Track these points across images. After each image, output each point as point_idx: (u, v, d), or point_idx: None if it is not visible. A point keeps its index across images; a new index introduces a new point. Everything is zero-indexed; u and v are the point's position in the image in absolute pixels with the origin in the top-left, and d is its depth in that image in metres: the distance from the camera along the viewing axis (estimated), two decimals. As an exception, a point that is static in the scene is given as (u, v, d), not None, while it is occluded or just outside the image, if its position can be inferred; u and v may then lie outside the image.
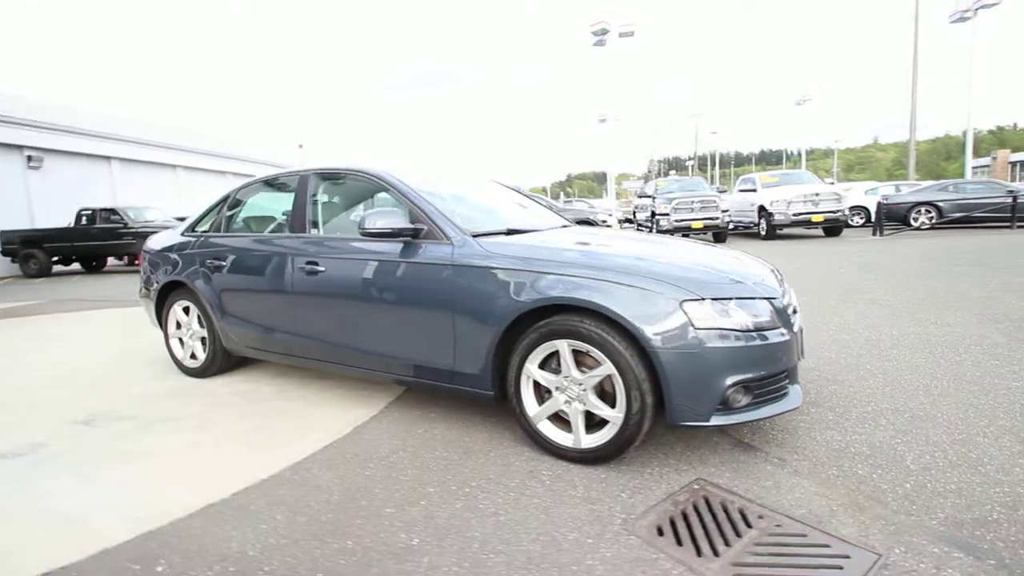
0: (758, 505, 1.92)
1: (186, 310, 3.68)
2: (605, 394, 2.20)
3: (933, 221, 14.00)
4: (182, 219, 16.11)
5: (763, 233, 14.10)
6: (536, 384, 2.34)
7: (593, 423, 2.25)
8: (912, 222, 14.25)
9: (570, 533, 1.80)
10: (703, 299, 2.05)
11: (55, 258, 14.16)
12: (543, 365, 2.31)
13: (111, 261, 15.62)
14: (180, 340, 3.76)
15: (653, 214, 14.32)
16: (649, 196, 15.88)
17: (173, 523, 1.94)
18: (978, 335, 3.84)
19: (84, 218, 13.93)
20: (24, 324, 6.42)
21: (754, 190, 15.10)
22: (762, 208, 14.12)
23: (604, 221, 15.85)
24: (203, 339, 3.62)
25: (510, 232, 2.74)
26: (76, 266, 14.92)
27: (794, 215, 13.24)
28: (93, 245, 13.76)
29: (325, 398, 3.19)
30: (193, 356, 3.69)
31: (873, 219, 15.13)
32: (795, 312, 2.46)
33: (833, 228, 13.60)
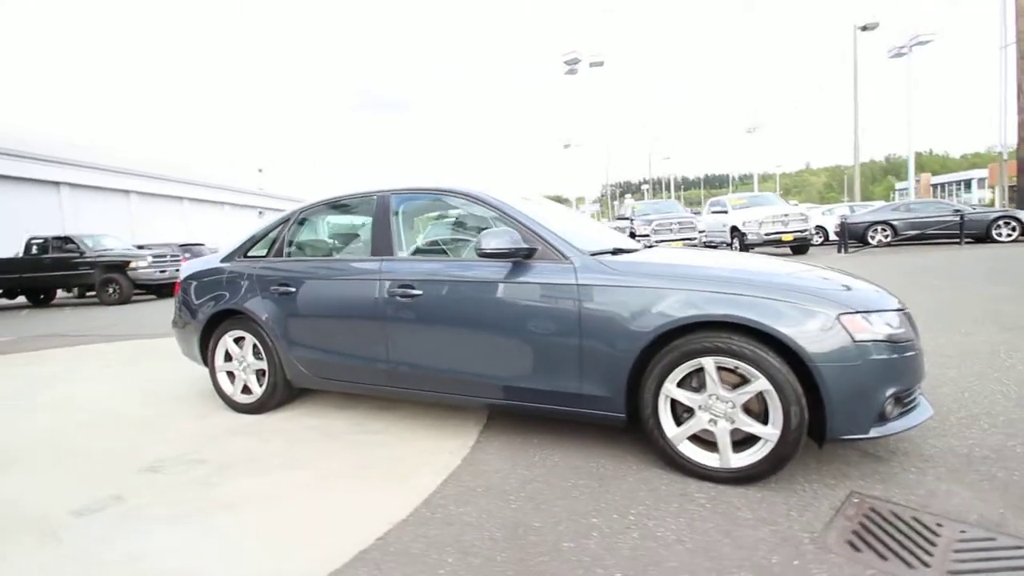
0: (929, 514, 1.94)
1: (238, 341, 3.43)
2: (750, 412, 2.19)
3: (888, 239, 15.05)
4: (142, 247, 15.25)
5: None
6: (672, 404, 2.30)
7: (734, 442, 2.23)
8: (870, 240, 15.26)
9: (770, 556, 1.75)
10: (856, 312, 2.09)
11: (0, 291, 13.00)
12: (680, 384, 2.28)
13: (60, 293, 14.50)
14: (230, 374, 3.49)
15: (632, 235, 14.70)
16: (627, 218, 16.33)
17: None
18: (1008, 341, 4.10)
19: (35, 247, 12.91)
20: (11, 363, 5.79)
21: (725, 211, 15.81)
22: (735, 228, 14.77)
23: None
24: (260, 372, 3.37)
25: (616, 251, 2.72)
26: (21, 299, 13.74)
27: (766, 235, 13.92)
28: (45, 276, 12.75)
29: (409, 429, 3.03)
30: (246, 391, 3.43)
31: (835, 238, 16.10)
32: None
33: (800, 246, 14.35)
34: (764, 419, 2.15)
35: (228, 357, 3.49)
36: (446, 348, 2.73)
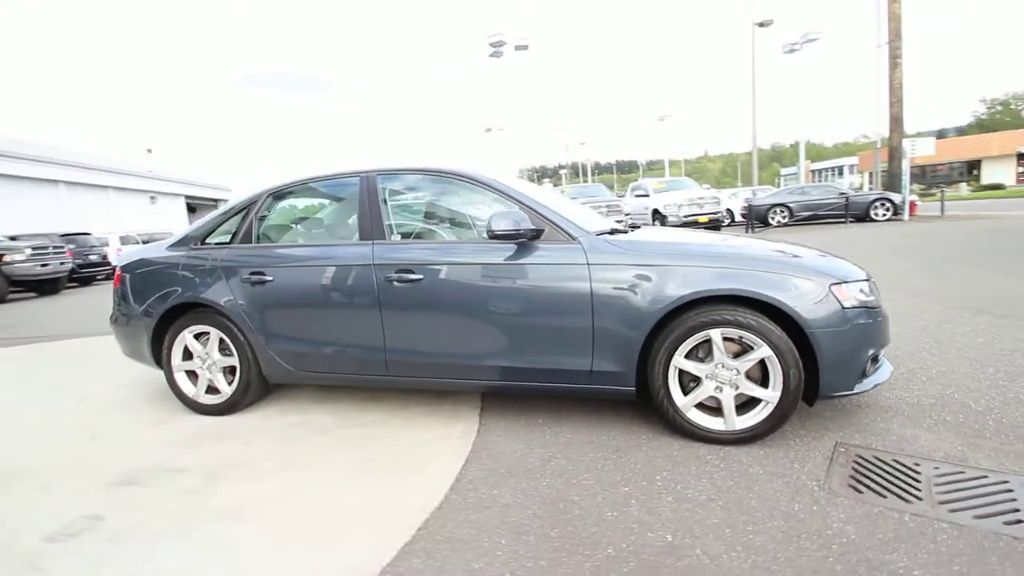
0: (905, 456, 2.23)
1: (199, 336, 3.12)
2: (750, 377, 2.37)
3: (787, 220, 16.64)
4: (14, 238, 13.16)
5: (660, 234, 15.62)
6: (679, 374, 2.44)
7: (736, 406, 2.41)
8: (771, 221, 16.79)
9: (792, 504, 1.93)
10: (842, 282, 2.32)
11: None
12: (687, 356, 2.41)
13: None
14: (191, 373, 3.17)
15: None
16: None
17: (385, 570, 1.69)
18: (916, 305, 4.74)
19: None
20: None
21: (647, 195, 16.63)
22: (656, 211, 15.60)
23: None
24: (228, 369, 3.10)
25: (614, 232, 2.80)
26: None
27: (684, 216, 14.86)
28: None
29: (404, 418, 2.94)
30: (212, 391, 3.14)
31: (740, 219, 17.50)
32: None
33: (714, 227, 15.48)
34: (763, 383, 2.35)
35: (188, 355, 3.17)
36: (449, 333, 2.67)
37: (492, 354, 2.62)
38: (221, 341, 3.07)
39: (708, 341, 2.37)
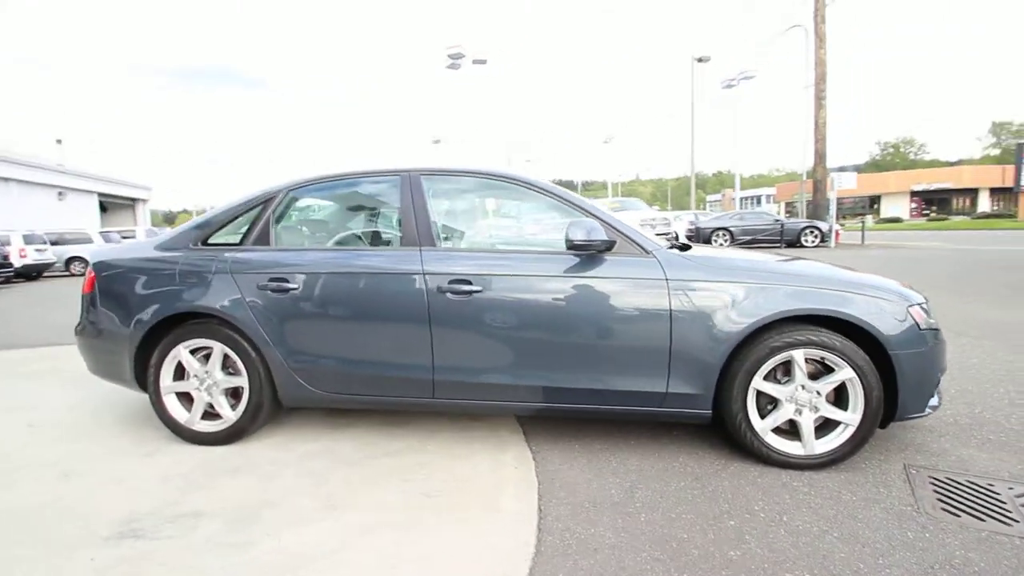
0: (975, 476, 2.24)
1: (195, 352, 2.67)
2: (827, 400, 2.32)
3: (728, 243, 17.58)
4: None
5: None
6: (756, 397, 2.35)
7: (796, 431, 2.34)
8: (714, 242, 17.67)
9: (905, 532, 1.86)
10: (916, 304, 2.33)
11: None
12: (765, 377, 2.33)
13: None
14: (183, 395, 2.70)
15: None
16: (513, 216, 16.65)
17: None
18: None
19: None
20: None
21: (601, 213, 16.97)
22: (611, 229, 15.93)
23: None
24: (231, 391, 2.67)
25: (684, 247, 2.68)
26: None
27: (638, 236, 15.27)
28: None
29: (437, 445, 2.65)
30: (210, 416, 2.69)
31: (684, 240, 18.26)
32: None
33: (665, 247, 16.04)
34: (837, 405, 2.31)
35: (182, 375, 2.70)
36: (507, 351, 2.43)
37: (554, 374, 2.40)
38: (225, 359, 2.64)
39: (787, 363, 2.31)
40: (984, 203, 44.74)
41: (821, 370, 2.33)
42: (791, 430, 2.37)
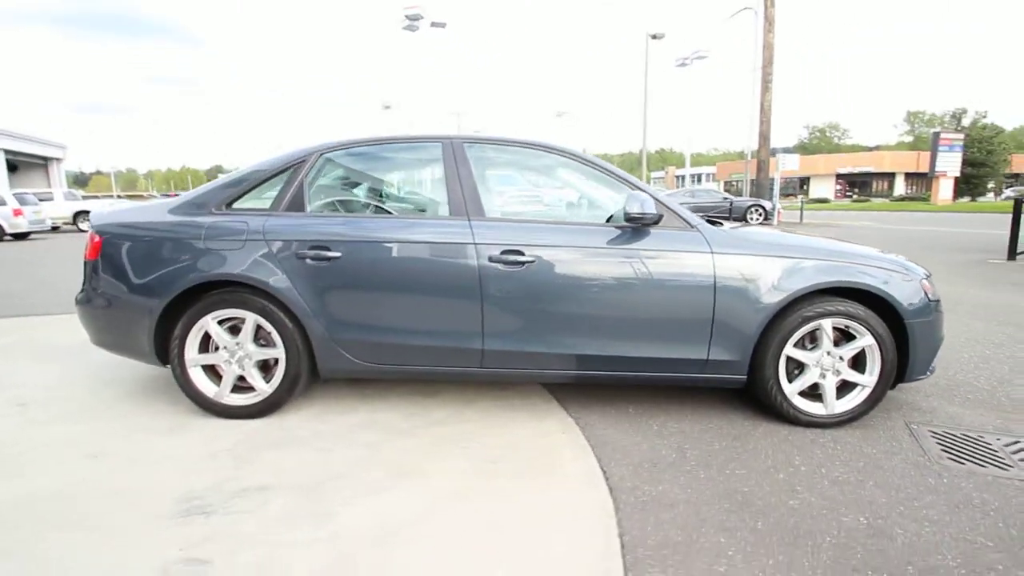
0: (969, 430, 2.55)
1: (223, 323, 2.53)
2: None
3: (681, 218, 18.26)
4: None
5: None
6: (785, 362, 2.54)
7: (816, 393, 2.57)
8: (668, 218, 18.30)
9: (927, 479, 2.10)
10: (925, 278, 2.58)
11: None
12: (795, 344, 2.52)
13: None
14: (210, 368, 2.57)
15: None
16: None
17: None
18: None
19: None
20: None
21: (561, 187, 17.12)
22: (571, 203, 16.14)
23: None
24: (263, 363, 2.57)
25: (712, 222, 2.80)
26: None
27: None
28: None
29: (477, 414, 2.69)
30: (240, 389, 2.58)
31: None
32: None
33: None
34: (859, 369, 2.54)
35: (204, 347, 2.56)
36: (557, 321, 2.48)
37: (604, 343, 2.49)
38: (257, 329, 2.53)
39: (814, 331, 2.50)
40: (900, 187, 48.81)
41: (841, 337, 2.55)
42: (811, 392, 2.59)
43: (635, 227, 2.47)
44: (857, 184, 51.00)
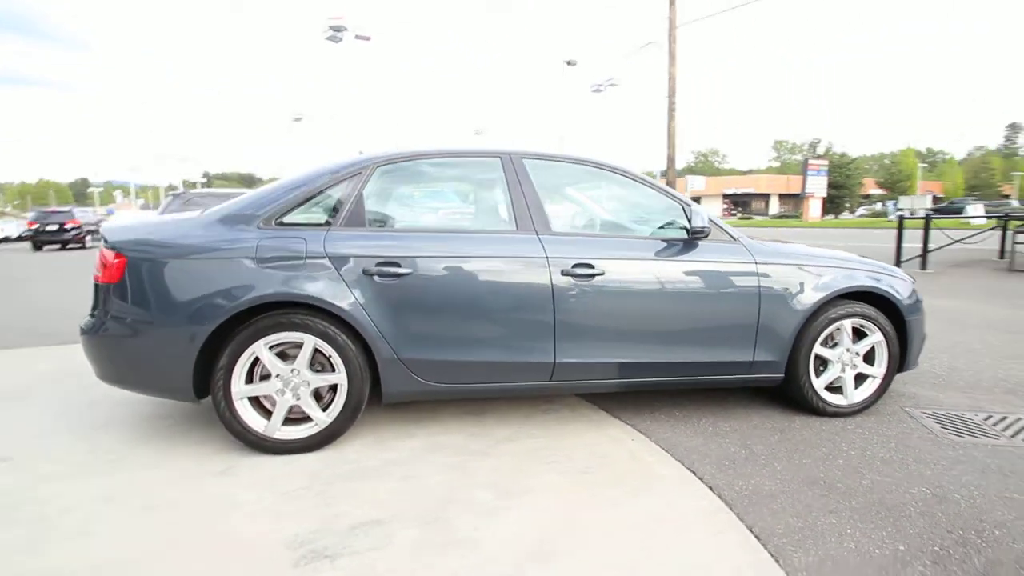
0: (954, 411, 2.99)
1: (273, 348, 2.32)
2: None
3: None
4: None
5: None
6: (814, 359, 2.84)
7: (835, 386, 2.90)
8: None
9: (948, 451, 2.46)
10: (912, 280, 3.02)
11: None
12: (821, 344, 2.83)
13: None
14: (255, 400, 2.33)
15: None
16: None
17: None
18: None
19: None
20: None
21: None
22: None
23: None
24: (319, 390, 2.38)
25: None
26: None
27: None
28: None
29: (539, 428, 2.69)
30: (293, 420, 2.37)
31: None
32: None
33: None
34: (869, 363, 2.91)
35: (253, 377, 2.33)
36: (623, 332, 2.58)
37: (668, 350, 2.63)
38: (315, 354, 2.35)
39: (837, 331, 2.83)
40: (775, 206, 55.28)
41: (855, 336, 2.91)
42: (830, 386, 2.91)
43: (687, 239, 2.66)
44: (740, 203, 57.08)
